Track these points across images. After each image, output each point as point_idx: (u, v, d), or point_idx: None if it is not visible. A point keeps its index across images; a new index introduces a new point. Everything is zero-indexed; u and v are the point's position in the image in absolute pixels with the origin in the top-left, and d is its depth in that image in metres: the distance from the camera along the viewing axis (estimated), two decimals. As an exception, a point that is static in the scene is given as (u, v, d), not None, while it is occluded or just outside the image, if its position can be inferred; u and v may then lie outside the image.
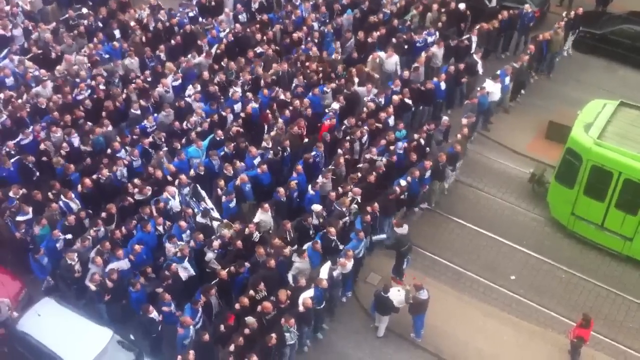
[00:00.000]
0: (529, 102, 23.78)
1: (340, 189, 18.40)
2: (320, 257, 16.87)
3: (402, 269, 17.66)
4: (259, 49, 23.56)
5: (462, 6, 24.99)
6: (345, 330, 17.24)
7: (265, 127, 20.70)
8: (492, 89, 21.80)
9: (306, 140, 20.07)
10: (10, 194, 17.92)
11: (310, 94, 21.33)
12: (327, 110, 20.97)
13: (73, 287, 16.83)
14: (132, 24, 24.78)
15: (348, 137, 19.82)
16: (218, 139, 19.75)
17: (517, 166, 21.51)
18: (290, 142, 19.58)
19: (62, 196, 17.90)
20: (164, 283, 16.02)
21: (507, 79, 22.29)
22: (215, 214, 18.04)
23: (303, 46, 23.66)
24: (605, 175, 17.91)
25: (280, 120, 20.39)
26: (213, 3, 26.22)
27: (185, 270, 16.43)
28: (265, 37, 24.22)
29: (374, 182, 18.43)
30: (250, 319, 15.09)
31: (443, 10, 24.96)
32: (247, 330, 14.92)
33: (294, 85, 21.97)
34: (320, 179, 18.49)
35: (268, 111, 20.85)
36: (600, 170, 17.97)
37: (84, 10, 25.66)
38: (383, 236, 18.18)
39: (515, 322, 17.41)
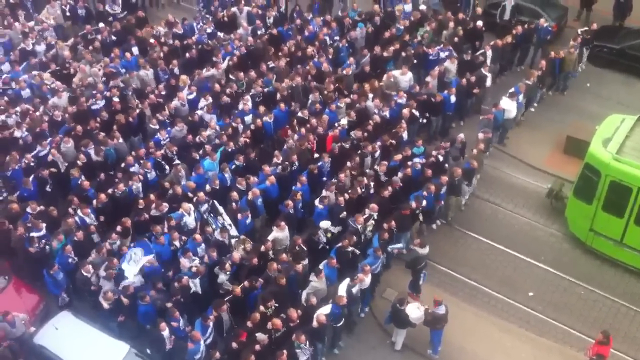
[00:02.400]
0: (546, 117, 23.65)
1: (346, 195, 18.39)
2: (337, 273, 16.86)
3: (419, 284, 17.59)
4: (271, 63, 23.68)
5: (479, 24, 24.95)
6: (362, 346, 17.14)
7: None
8: (509, 106, 21.73)
9: (316, 155, 20.08)
10: (28, 209, 18.02)
11: (327, 109, 21.36)
12: (336, 124, 21.01)
13: (91, 299, 16.93)
14: (152, 40, 24.95)
15: (359, 151, 19.81)
16: (229, 150, 19.85)
17: (535, 181, 21.37)
18: (299, 157, 19.64)
19: (77, 211, 18.00)
20: (173, 297, 16.05)
21: (521, 97, 22.23)
22: (233, 231, 18.08)
23: (315, 59, 23.70)
24: (624, 190, 17.75)
25: (295, 136, 20.46)
26: (226, 19, 26.36)
27: (193, 285, 16.47)
28: (280, 53, 24.31)
29: (388, 197, 18.40)
30: (261, 336, 15.06)
31: (459, 28, 24.89)
32: (257, 347, 14.89)
33: (310, 101, 22.00)
34: (325, 192, 18.49)
35: (288, 127, 20.86)
36: (619, 186, 17.81)
37: (100, 25, 25.93)
38: (400, 245, 18.10)
39: (533, 338, 17.25)
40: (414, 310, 16.06)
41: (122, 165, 19.72)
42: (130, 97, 22.16)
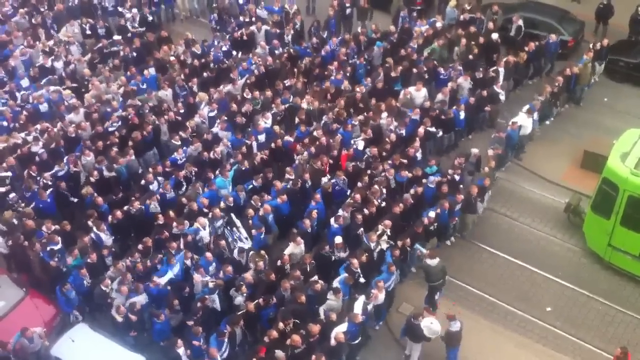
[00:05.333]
0: (563, 131, 23.54)
1: (365, 211, 18.36)
2: (349, 289, 16.81)
3: (435, 299, 17.52)
4: (287, 82, 23.71)
5: (494, 36, 24.96)
6: (378, 361, 17.11)
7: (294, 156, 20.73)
8: (525, 122, 21.70)
9: (328, 176, 19.98)
10: (43, 228, 18.14)
11: (342, 129, 21.28)
12: (352, 142, 20.99)
13: (109, 312, 16.90)
14: (172, 59, 25.09)
15: (369, 171, 19.75)
16: (244, 168, 19.90)
17: (553, 196, 21.24)
18: (312, 176, 19.62)
19: (93, 228, 18.13)
20: (195, 316, 16.06)
21: (536, 114, 22.18)
22: (249, 243, 18.12)
23: (333, 77, 23.68)
24: (642, 205, 17.60)
25: (305, 153, 20.47)
26: (245, 37, 26.47)
27: (213, 303, 16.52)
28: (295, 70, 24.36)
29: (399, 214, 18.39)
30: (279, 353, 15.02)
31: (473, 43, 24.84)
32: None
33: (323, 121, 21.92)
34: (341, 212, 18.44)
35: (298, 143, 20.90)
36: (637, 201, 17.64)
37: (115, 37, 26.11)
38: (425, 250, 17.94)
39: (551, 354, 17.10)
40: (429, 325, 15.94)
41: (142, 182, 19.77)
42: (147, 114, 22.23)
